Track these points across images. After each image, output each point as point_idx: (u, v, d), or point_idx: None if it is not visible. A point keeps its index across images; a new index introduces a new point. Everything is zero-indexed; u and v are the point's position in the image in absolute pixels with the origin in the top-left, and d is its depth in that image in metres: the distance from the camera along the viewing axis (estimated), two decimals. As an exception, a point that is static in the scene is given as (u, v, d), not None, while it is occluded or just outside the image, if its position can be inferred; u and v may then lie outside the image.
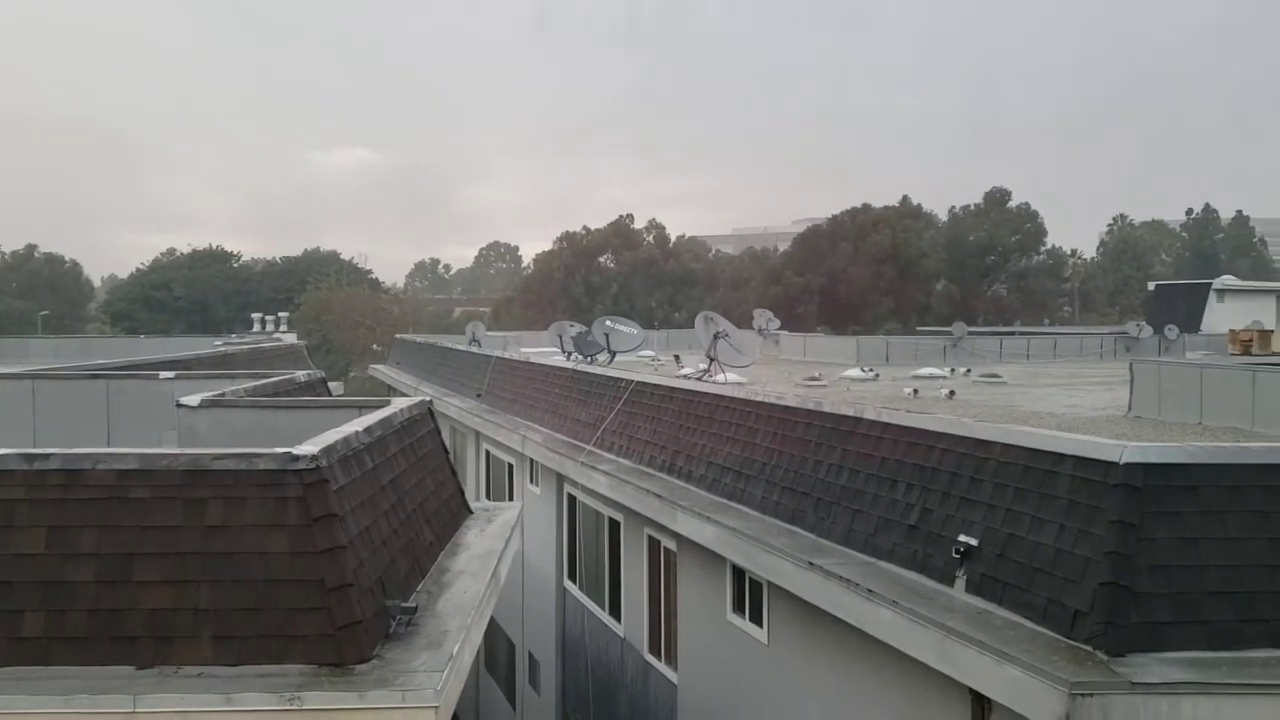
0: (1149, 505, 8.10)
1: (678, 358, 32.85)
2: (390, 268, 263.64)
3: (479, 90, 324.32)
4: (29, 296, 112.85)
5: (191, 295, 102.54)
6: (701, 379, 20.61)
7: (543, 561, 22.29)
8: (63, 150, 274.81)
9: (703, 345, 23.02)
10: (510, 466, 25.08)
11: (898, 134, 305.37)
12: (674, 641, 16.02)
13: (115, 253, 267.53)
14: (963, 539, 9.45)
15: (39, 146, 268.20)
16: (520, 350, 35.13)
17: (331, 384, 23.77)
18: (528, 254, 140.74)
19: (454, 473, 13.22)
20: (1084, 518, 8.38)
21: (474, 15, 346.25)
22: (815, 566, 10.81)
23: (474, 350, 34.76)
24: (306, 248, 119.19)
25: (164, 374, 16.81)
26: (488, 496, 27.06)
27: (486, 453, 27.49)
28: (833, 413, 12.71)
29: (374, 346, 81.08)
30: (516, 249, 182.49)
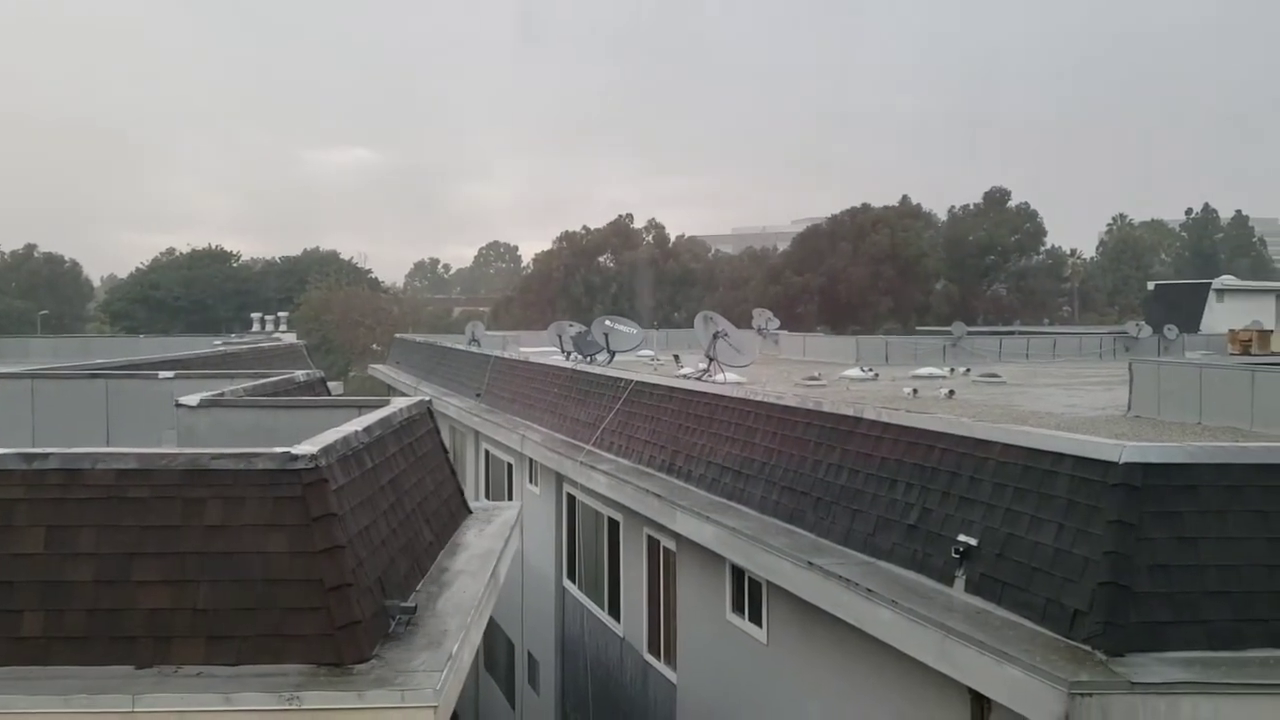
0: (1148, 505, 8.10)
1: (677, 357, 32.83)
2: (390, 267, 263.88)
3: (478, 90, 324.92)
4: (28, 296, 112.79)
5: (191, 295, 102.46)
6: (701, 379, 20.61)
7: (542, 561, 22.29)
8: (63, 150, 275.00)
9: (702, 345, 23.02)
10: (509, 466, 25.07)
11: (897, 134, 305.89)
12: (673, 641, 16.01)
13: (115, 252, 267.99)
14: (962, 539, 9.45)
15: (39, 146, 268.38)
16: (519, 350, 35.11)
17: (331, 384, 23.78)
18: (527, 254, 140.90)
19: (453, 472, 13.22)
20: (1083, 517, 8.38)
21: (474, 15, 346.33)
22: (814, 566, 10.81)
23: (473, 350, 34.74)
24: (306, 247, 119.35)
25: (163, 374, 16.81)
26: (487, 496, 27.05)
27: (486, 452, 27.49)
28: (832, 412, 12.71)
29: (373, 346, 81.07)
30: (516, 249, 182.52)
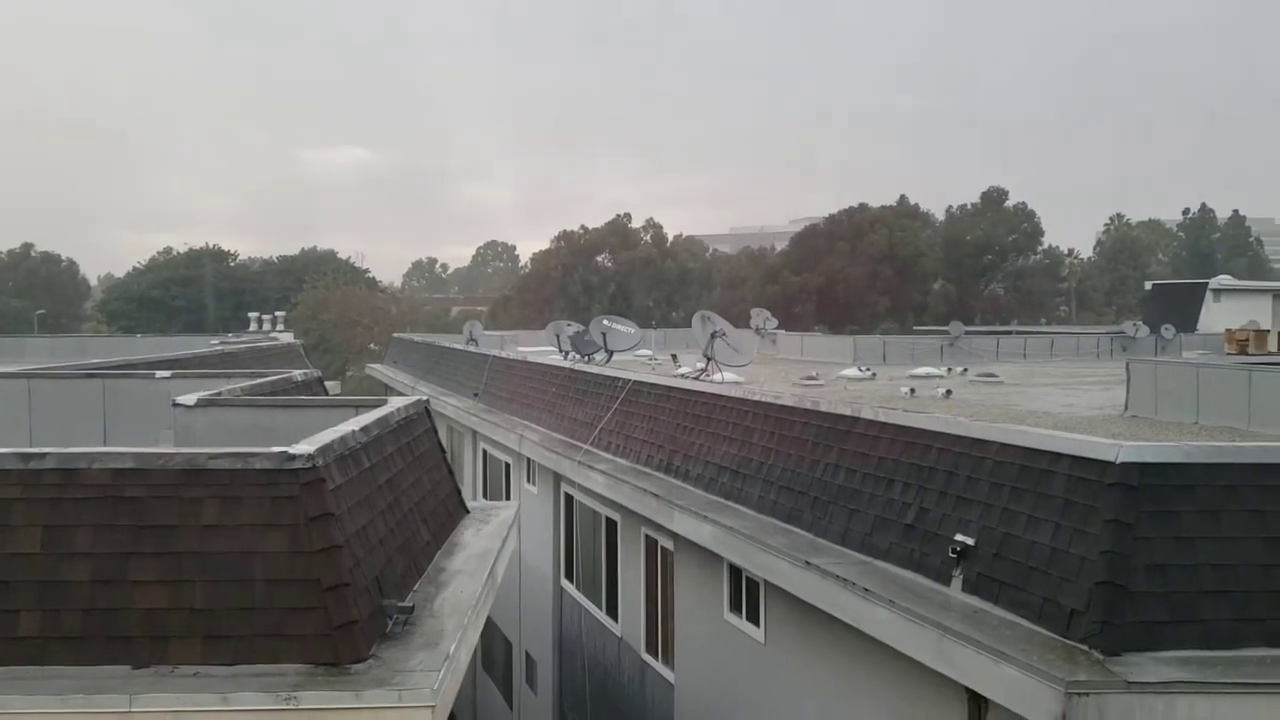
0: (1145, 504, 8.10)
1: (675, 357, 32.80)
2: (388, 267, 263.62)
3: (477, 90, 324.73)
4: (25, 295, 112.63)
5: (188, 294, 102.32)
6: (699, 378, 20.61)
7: (540, 561, 22.29)
8: (61, 149, 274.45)
9: (700, 344, 23.02)
10: (507, 466, 25.06)
11: (896, 134, 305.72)
12: (671, 641, 16.01)
13: (113, 252, 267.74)
14: (959, 538, 9.45)
15: (38, 146, 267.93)
16: (517, 349, 35.09)
17: (328, 383, 23.75)
18: (525, 253, 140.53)
19: (451, 472, 13.22)
20: (1080, 517, 8.38)
21: (473, 15, 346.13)
22: (812, 566, 10.81)
23: (471, 349, 34.72)
24: (304, 247, 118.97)
25: (160, 373, 16.78)
26: (484, 496, 27.04)
27: (483, 452, 27.48)
28: (830, 412, 12.71)
29: (371, 346, 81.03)
30: (514, 248, 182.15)
